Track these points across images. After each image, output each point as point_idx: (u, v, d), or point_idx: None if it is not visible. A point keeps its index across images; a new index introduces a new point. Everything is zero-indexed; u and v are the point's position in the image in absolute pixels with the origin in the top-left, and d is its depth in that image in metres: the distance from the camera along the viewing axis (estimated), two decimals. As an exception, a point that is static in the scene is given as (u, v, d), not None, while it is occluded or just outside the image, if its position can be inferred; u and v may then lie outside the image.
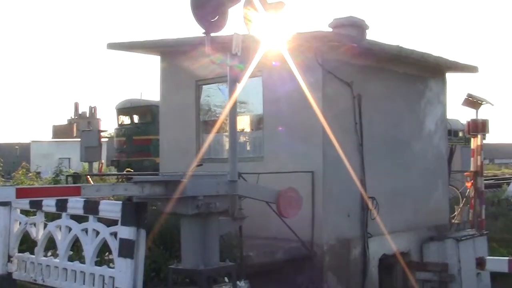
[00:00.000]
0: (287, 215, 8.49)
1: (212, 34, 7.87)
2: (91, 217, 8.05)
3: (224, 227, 8.09)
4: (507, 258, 9.30)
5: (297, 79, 12.14)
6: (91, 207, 8.04)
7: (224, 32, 7.99)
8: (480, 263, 8.51)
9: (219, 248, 8.06)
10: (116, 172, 27.47)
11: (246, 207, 8.50)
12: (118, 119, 33.36)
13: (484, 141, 17.52)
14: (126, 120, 32.93)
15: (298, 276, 12.56)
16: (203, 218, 7.58)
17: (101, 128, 40.28)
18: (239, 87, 8.20)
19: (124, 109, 32.81)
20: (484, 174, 41.24)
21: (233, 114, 8.07)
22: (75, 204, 8.21)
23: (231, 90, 7.97)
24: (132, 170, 23.27)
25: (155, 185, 7.27)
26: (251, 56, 8.15)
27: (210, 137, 14.29)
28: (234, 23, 8.23)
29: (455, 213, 17.65)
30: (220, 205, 7.65)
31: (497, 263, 9.05)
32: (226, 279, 9.14)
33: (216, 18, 7.86)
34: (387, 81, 14.52)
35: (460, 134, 41.36)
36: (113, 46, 15.94)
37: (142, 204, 7.43)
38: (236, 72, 7.91)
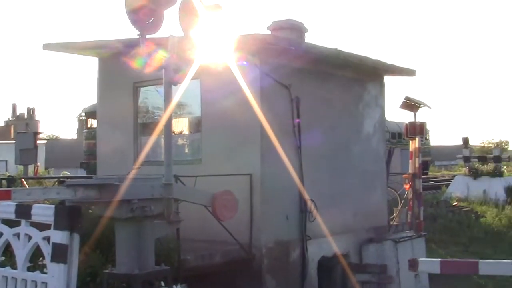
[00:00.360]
0: (223, 218, 8.55)
1: (148, 36, 7.87)
2: (23, 222, 7.92)
3: (159, 230, 8.09)
4: (439, 259, 9.47)
5: (235, 82, 12.20)
6: (23, 211, 7.91)
7: (160, 33, 8.00)
8: (413, 264, 8.63)
9: (155, 252, 8.06)
10: (52, 175, 27.22)
11: (184, 210, 8.52)
12: (87, 122, 33.45)
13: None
14: (95, 123, 32.98)
15: (236, 279, 12.59)
16: (138, 222, 7.57)
17: (40, 130, 39.90)
18: (176, 89, 8.21)
19: (94, 112, 32.88)
20: (424, 176, 41.96)
21: (168, 117, 8.07)
22: (7, 208, 8.06)
23: (167, 93, 7.97)
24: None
25: (88, 189, 7.24)
26: (188, 59, 8.16)
27: (148, 139, 14.21)
28: (171, 25, 8.25)
29: (394, 215, 17.91)
30: (155, 208, 7.66)
31: (430, 264, 9.20)
32: (163, 283, 9.12)
33: (151, 20, 7.85)
34: (325, 83, 14.64)
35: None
36: (49, 46, 15.70)
37: (75, 208, 7.36)
38: (171, 74, 7.92)
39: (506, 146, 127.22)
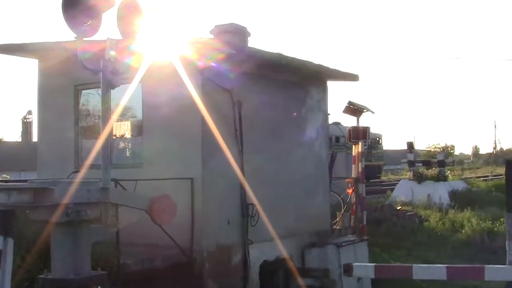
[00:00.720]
0: (161, 222, 8.54)
1: (86, 39, 7.83)
2: (-45, 226, 7.84)
3: (95, 235, 8.04)
4: (373, 264, 9.65)
5: (177, 86, 12.23)
6: (-44, 215, 7.83)
7: (99, 36, 7.97)
8: (347, 269, 8.77)
9: (94, 256, 8.02)
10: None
11: (126, 214, 8.47)
12: None
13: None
14: None
15: (177, 283, 12.56)
16: (74, 226, 7.52)
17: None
18: (121, 93, 8.20)
19: None
20: (372, 180, 42.13)
21: (106, 120, 8.07)
22: None
23: (104, 96, 7.97)
24: None
25: (22, 193, 7.17)
26: (127, 62, 8.14)
27: (90, 143, 14.13)
28: (111, 27, 8.21)
29: (337, 219, 18.04)
30: (92, 212, 7.60)
31: (364, 269, 9.39)
32: (100, 288, 9.07)
33: (89, 23, 7.81)
34: (268, 88, 14.73)
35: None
36: (-12, 48, 15.53)
37: (9, 212, 7.30)
38: (109, 77, 7.91)
39: (452, 151, 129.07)
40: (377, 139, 55.97)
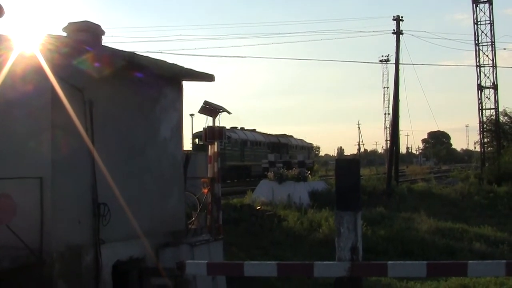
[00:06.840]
0: (0, 221, 8.63)
1: None
2: None
3: None
4: (206, 261, 10.12)
5: (26, 84, 12.29)
6: None
7: None
8: (180, 267, 9.20)
9: None
10: None
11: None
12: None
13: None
14: None
15: (27, 285, 12.58)
16: None
17: None
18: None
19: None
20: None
21: None
22: None
23: None
24: None
25: None
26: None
27: None
28: None
29: (193, 218, 18.40)
30: None
31: (197, 266, 9.87)
32: None
33: None
34: (121, 87, 14.88)
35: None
36: None
37: None
38: None
39: (317, 152, 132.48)
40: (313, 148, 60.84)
